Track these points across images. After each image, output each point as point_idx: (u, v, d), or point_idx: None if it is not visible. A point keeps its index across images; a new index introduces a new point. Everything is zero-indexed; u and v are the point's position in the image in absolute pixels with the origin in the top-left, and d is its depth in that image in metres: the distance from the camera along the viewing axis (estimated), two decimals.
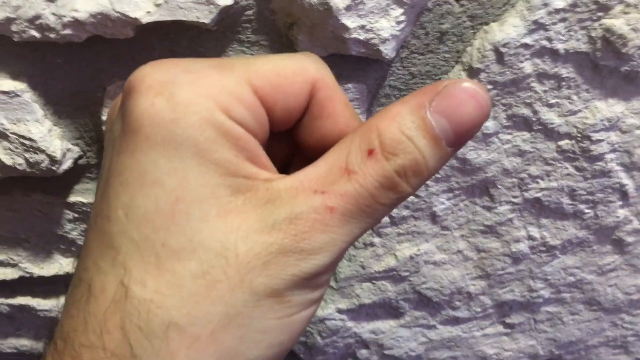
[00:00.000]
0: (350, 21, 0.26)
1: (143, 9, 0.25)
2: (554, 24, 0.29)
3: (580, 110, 0.33)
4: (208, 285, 0.17)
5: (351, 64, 0.30)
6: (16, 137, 0.29)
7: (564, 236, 0.40)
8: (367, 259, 0.40)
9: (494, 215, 0.38)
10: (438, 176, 0.36)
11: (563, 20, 0.29)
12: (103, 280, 0.18)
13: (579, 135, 0.34)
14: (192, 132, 0.17)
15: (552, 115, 0.33)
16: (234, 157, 0.18)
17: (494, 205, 0.38)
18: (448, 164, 0.35)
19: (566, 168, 0.36)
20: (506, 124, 0.33)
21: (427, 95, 0.18)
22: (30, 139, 0.29)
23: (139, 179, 0.17)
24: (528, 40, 0.30)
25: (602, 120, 0.33)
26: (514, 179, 0.36)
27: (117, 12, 0.25)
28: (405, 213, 0.37)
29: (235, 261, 0.17)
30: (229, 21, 0.27)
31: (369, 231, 0.38)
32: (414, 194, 0.19)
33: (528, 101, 0.32)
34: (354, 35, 0.27)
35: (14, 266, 0.37)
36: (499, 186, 0.37)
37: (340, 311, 0.43)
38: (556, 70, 0.31)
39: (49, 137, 0.30)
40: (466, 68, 0.31)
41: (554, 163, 0.36)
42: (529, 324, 0.47)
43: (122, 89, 0.19)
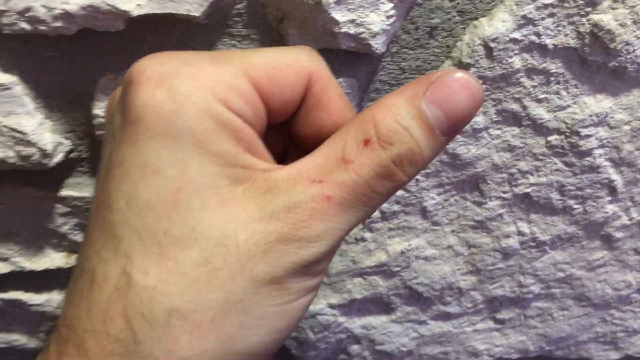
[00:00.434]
0: (340, 15, 0.27)
1: (133, 1, 0.25)
2: (542, 19, 0.29)
3: (569, 106, 0.33)
4: (209, 272, 0.18)
5: (342, 58, 0.30)
6: (7, 129, 0.29)
7: (554, 232, 0.40)
8: (358, 254, 0.40)
9: (484, 210, 0.39)
10: (428, 171, 0.36)
11: (551, 15, 0.29)
12: (106, 269, 0.18)
13: (567, 130, 0.34)
14: (191, 123, 0.18)
15: (541, 110, 0.33)
16: (232, 147, 0.18)
17: (484, 201, 0.38)
18: (438, 159, 0.35)
19: (555, 163, 0.36)
20: (496, 119, 0.34)
21: (422, 85, 0.19)
22: (21, 132, 0.29)
23: (140, 169, 0.18)
24: (517, 35, 0.30)
25: (590, 116, 0.34)
26: (504, 174, 0.37)
27: (107, 5, 0.25)
28: (396, 208, 0.37)
29: (235, 249, 0.18)
30: (219, 15, 0.28)
31: (360, 226, 0.39)
32: (408, 182, 0.20)
33: (517, 96, 0.33)
34: (344, 30, 0.27)
35: (5, 260, 0.37)
36: (489, 181, 0.37)
37: (331, 306, 0.43)
38: (545, 65, 0.31)
39: (40, 131, 0.30)
40: (456, 63, 0.31)
41: (544, 158, 0.36)
42: (519, 319, 0.47)
43: (113, 82, 0.19)
